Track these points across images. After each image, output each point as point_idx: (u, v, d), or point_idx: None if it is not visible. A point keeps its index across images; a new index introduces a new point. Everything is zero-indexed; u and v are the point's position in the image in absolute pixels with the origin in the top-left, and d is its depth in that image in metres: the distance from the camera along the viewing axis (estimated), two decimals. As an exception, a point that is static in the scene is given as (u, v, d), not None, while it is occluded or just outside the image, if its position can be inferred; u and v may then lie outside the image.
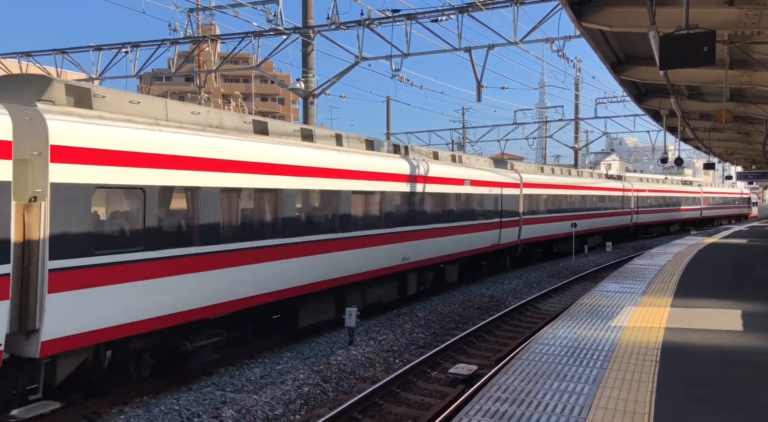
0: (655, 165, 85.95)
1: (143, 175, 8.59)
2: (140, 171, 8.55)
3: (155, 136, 8.88)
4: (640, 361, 7.54)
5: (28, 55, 24.34)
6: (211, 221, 9.70)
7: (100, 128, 8.10)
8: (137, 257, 8.46)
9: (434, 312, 15.02)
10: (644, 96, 20.07)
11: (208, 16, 23.07)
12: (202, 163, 9.56)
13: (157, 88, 54.96)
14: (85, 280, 7.78)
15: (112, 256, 8.15)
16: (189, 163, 9.36)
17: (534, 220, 24.71)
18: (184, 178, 9.27)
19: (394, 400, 9.33)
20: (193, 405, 8.91)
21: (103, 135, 8.10)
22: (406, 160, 15.83)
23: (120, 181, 8.29)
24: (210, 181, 9.70)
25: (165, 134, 9.08)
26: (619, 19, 10.80)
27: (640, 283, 14.04)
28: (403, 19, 18.80)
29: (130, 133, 8.52)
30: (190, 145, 9.37)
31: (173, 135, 9.21)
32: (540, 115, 63.83)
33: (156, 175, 8.78)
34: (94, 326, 7.91)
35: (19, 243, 7.17)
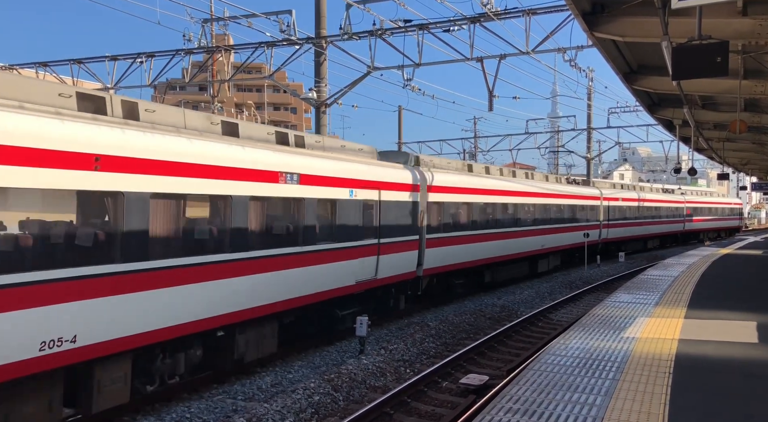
0: (669, 175, 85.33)
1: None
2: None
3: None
4: (653, 373, 7.47)
5: (45, 65, 24.69)
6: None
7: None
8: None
9: (445, 322, 14.97)
10: (657, 106, 19.98)
11: (222, 27, 23.26)
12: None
13: (171, 97, 55.51)
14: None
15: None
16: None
17: (438, 242, 16.83)
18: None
19: (405, 410, 9.30)
20: (204, 413, 8.94)
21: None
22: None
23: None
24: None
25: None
26: (631, 30, 10.79)
27: (654, 294, 13.92)
28: (415, 29, 18.88)
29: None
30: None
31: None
32: (552, 125, 63.68)
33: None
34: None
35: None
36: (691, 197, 49.00)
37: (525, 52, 18.40)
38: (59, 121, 7.45)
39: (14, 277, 6.79)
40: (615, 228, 33.62)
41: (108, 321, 7.80)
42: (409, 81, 21.28)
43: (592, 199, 30.81)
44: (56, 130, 7.32)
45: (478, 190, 19.29)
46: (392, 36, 19.45)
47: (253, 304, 10.24)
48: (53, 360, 7.20)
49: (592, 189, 32.15)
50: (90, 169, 7.61)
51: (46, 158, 7.15)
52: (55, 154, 7.24)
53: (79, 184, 7.51)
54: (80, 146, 7.53)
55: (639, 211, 37.36)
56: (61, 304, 7.24)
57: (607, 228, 32.55)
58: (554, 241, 25.61)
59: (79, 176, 7.50)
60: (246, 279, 10.04)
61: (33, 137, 7.03)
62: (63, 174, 7.33)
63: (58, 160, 7.28)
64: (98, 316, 7.69)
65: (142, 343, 8.37)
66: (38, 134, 7.10)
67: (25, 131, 6.98)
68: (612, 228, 33.12)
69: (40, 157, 7.09)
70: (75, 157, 7.47)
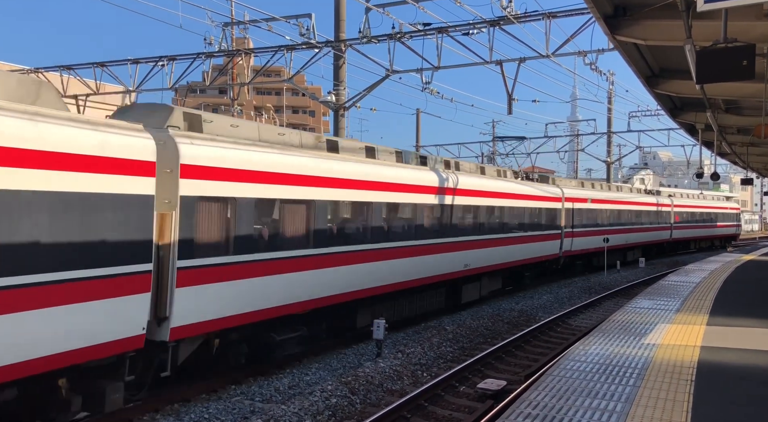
0: (690, 180, 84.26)
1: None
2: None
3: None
4: (674, 380, 7.36)
5: (69, 69, 25.08)
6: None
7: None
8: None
9: (462, 326, 14.91)
10: (679, 110, 19.74)
11: (242, 30, 23.46)
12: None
13: (192, 100, 56.08)
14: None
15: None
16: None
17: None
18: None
19: (422, 414, 9.26)
20: (223, 414, 8.99)
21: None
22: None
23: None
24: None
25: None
26: (653, 33, 10.68)
27: (675, 300, 13.74)
28: (434, 32, 18.87)
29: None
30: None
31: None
32: (572, 129, 63.25)
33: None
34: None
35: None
36: (680, 200, 41.70)
37: (545, 55, 18.29)
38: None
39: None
40: (582, 238, 26.54)
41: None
42: (428, 84, 21.27)
43: (552, 199, 23.46)
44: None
45: (385, 185, 13.72)
46: (411, 39, 19.46)
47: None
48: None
49: (552, 187, 24.31)
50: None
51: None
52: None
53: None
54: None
55: (615, 216, 30.66)
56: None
57: (573, 238, 25.53)
58: (489, 258, 18.46)
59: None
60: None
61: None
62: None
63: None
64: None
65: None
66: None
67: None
68: (579, 237, 26.06)
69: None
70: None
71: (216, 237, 9.49)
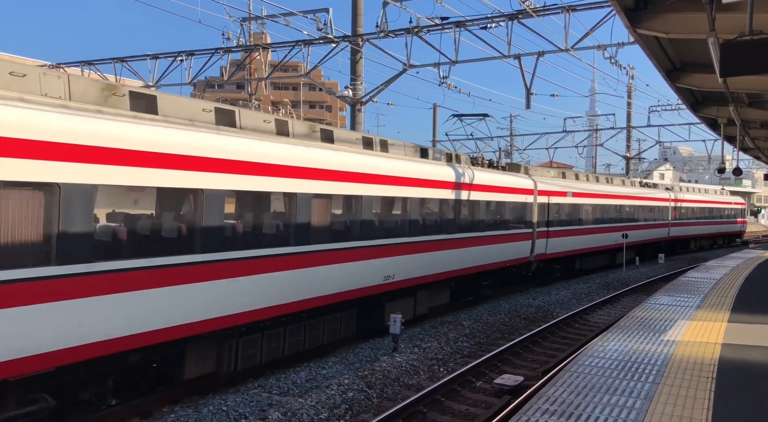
0: (711, 175, 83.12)
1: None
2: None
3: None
4: (695, 377, 7.29)
5: (89, 64, 25.37)
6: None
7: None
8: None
9: (479, 322, 14.87)
10: (701, 104, 19.46)
11: (260, 25, 23.53)
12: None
13: (210, 95, 56.43)
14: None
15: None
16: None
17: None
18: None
19: (439, 409, 9.27)
20: (241, 406, 9.06)
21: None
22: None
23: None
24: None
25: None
26: (676, 26, 10.52)
27: (695, 297, 13.58)
28: (452, 26, 18.78)
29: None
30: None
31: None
32: (590, 123, 62.65)
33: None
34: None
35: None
36: (679, 194, 37.84)
37: (564, 49, 18.12)
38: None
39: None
40: (560, 239, 22.59)
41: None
42: (445, 78, 21.17)
43: (516, 192, 19.38)
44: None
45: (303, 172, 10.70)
46: (429, 34, 19.38)
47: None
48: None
49: (522, 177, 20.36)
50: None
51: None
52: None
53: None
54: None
55: (602, 212, 26.61)
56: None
57: (547, 239, 21.54)
58: (433, 264, 14.73)
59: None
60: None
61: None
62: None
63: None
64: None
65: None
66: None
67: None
68: (555, 236, 22.16)
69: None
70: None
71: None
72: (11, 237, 6.60)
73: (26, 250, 6.72)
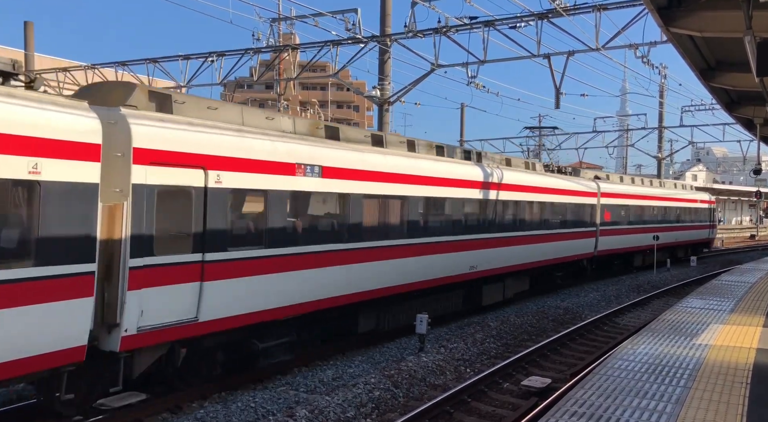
0: (746, 177, 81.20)
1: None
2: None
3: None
4: (728, 382, 7.14)
5: (123, 64, 25.87)
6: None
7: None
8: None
9: (506, 323, 14.78)
10: (736, 104, 19.03)
11: (289, 26, 23.75)
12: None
13: (239, 95, 57.12)
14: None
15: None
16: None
17: None
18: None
19: (465, 409, 9.24)
20: (268, 403, 9.16)
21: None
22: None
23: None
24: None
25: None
26: (710, 24, 10.31)
27: (729, 301, 13.30)
28: (481, 26, 18.68)
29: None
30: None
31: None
32: (621, 123, 61.68)
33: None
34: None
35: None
36: (613, 187, 25.11)
37: (594, 48, 17.90)
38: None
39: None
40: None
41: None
42: (474, 78, 21.08)
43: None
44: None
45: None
46: (457, 33, 19.31)
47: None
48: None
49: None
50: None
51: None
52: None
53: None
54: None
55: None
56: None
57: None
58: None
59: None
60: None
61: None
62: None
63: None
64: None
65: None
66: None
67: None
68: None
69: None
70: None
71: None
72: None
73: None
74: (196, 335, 8.64)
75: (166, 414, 8.79)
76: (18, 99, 6.66)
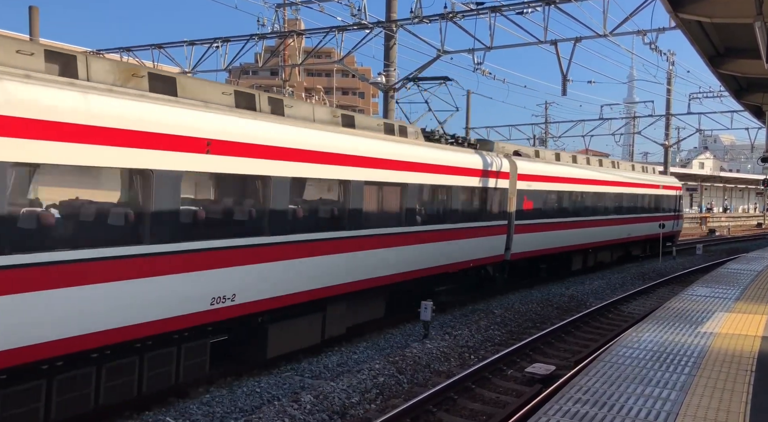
0: (754, 165, 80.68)
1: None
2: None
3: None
4: (733, 370, 7.14)
5: (128, 50, 25.81)
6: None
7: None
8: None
9: (511, 310, 14.80)
10: (745, 91, 18.88)
11: (294, 11, 23.61)
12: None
13: (245, 81, 56.96)
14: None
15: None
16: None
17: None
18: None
19: (469, 396, 9.29)
20: (274, 389, 9.23)
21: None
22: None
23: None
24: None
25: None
26: (720, 10, 10.19)
27: (734, 288, 13.26)
28: (488, 11, 18.52)
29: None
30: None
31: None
32: (628, 111, 61.30)
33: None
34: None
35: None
36: (538, 166, 18.86)
37: (602, 34, 17.73)
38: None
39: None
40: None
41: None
42: (480, 64, 20.94)
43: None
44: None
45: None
46: (463, 19, 19.16)
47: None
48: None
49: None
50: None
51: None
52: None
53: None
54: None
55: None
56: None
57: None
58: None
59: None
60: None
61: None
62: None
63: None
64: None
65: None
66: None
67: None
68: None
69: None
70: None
71: None
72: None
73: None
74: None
75: (173, 398, 8.86)
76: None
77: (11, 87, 6.34)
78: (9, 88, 6.31)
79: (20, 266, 6.29)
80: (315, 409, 8.04)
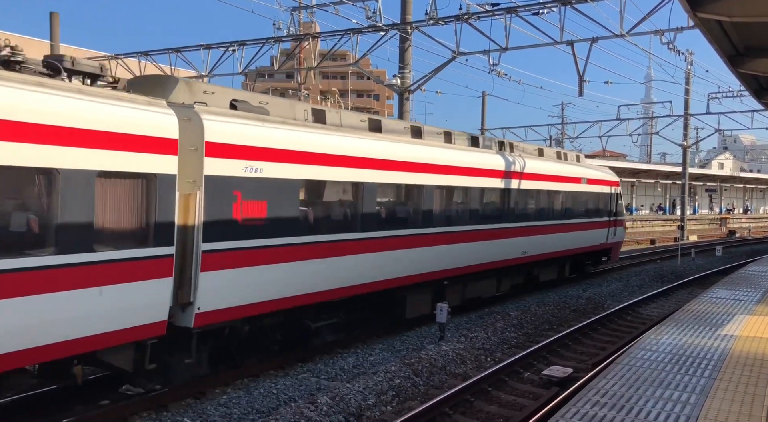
0: (775, 165, 79.33)
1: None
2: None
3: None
4: (754, 374, 7.04)
5: (146, 54, 26.08)
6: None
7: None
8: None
9: (527, 312, 14.72)
10: (765, 90, 18.59)
11: (309, 14, 23.74)
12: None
13: (261, 84, 57.30)
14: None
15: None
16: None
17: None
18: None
19: (486, 398, 9.24)
20: (290, 390, 9.26)
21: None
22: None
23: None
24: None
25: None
26: (740, 9, 10.05)
27: (755, 291, 13.07)
28: (503, 12, 18.46)
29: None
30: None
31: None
32: (645, 111, 60.72)
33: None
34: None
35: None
36: (382, 146, 11.49)
37: (619, 34, 17.60)
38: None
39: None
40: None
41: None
42: (495, 66, 20.88)
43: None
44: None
45: None
46: (479, 20, 19.12)
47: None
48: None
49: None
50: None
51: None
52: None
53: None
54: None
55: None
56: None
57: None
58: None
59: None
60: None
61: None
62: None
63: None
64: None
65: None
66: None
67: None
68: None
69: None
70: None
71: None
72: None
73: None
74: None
75: (190, 399, 8.93)
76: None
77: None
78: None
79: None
80: (331, 411, 8.05)
